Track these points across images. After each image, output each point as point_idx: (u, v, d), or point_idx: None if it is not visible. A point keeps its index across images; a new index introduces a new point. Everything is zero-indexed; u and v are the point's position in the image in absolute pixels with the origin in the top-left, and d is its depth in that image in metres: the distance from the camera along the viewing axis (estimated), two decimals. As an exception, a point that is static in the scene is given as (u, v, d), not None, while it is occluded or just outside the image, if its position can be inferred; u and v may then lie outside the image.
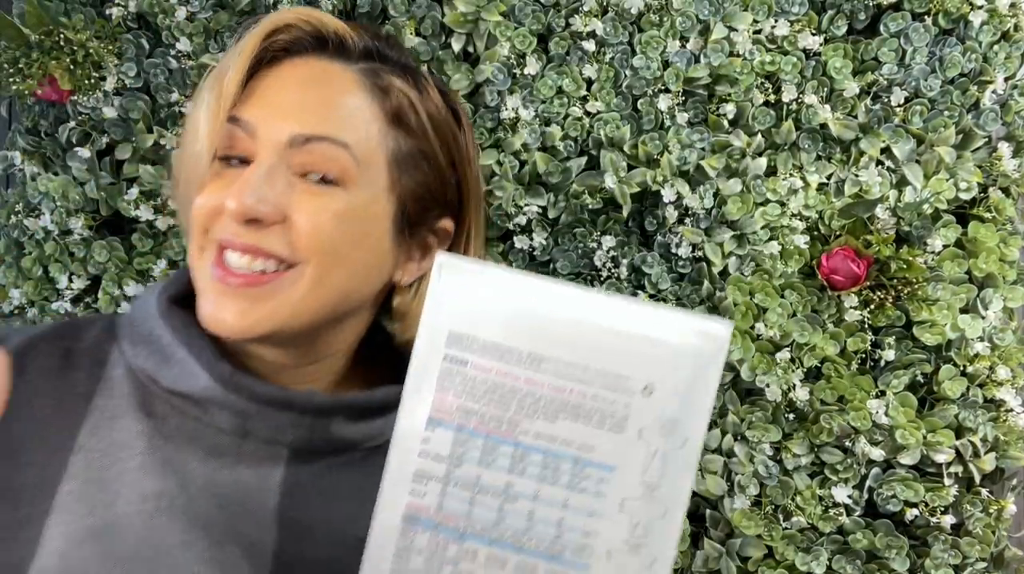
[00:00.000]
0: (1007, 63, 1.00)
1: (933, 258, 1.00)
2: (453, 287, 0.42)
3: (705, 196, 1.01)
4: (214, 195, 0.50)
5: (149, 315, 0.55)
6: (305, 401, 0.52)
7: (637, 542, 0.43)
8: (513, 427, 0.42)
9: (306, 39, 0.54)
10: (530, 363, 0.42)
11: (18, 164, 1.07)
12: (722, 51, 1.00)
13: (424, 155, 0.55)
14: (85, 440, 0.50)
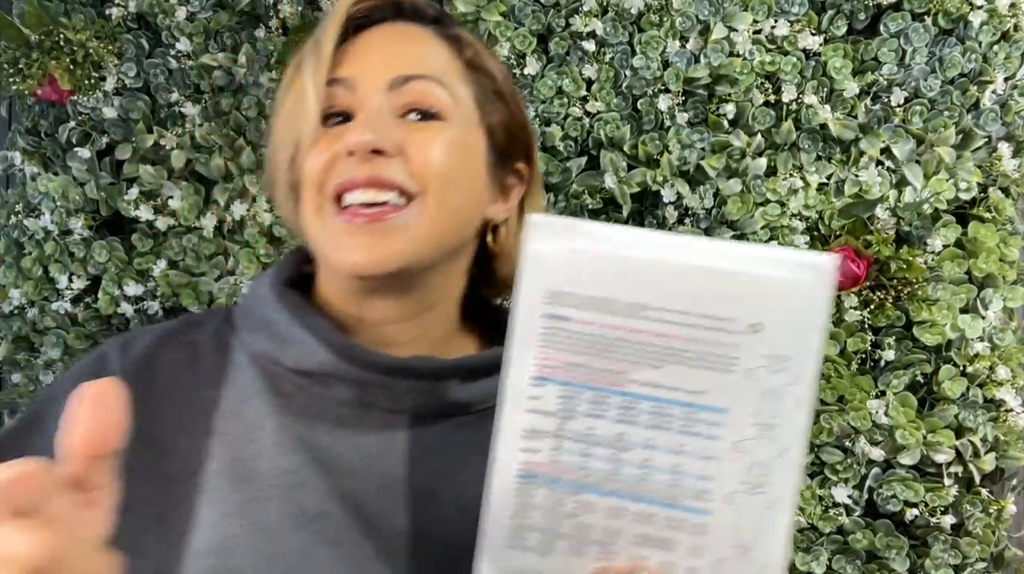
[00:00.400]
0: (1007, 63, 1.00)
1: (933, 258, 1.00)
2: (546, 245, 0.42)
3: (705, 196, 1.01)
4: (325, 151, 0.54)
5: (262, 301, 0.58)
6: (421, 365, 0.55)
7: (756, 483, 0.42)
8: (620, 377, 0.42)
9: (384, 7, 0.59)
10: (631, 312, 0.42)
11: (18, 164, 1.07)
12: (722, 51, 1.00)
13: (500, 96, 0.60)
14: (221, 424, 0.54)
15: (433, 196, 0.53)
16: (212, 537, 0.49)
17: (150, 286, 1.05)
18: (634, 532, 0.43)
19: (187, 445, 0.53)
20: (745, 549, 0.43)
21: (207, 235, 1.05)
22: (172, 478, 0.52)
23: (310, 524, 0.51)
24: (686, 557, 0.43)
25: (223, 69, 1.04)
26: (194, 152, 1.06)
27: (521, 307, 0.43)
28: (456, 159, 0.55)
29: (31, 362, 1.08)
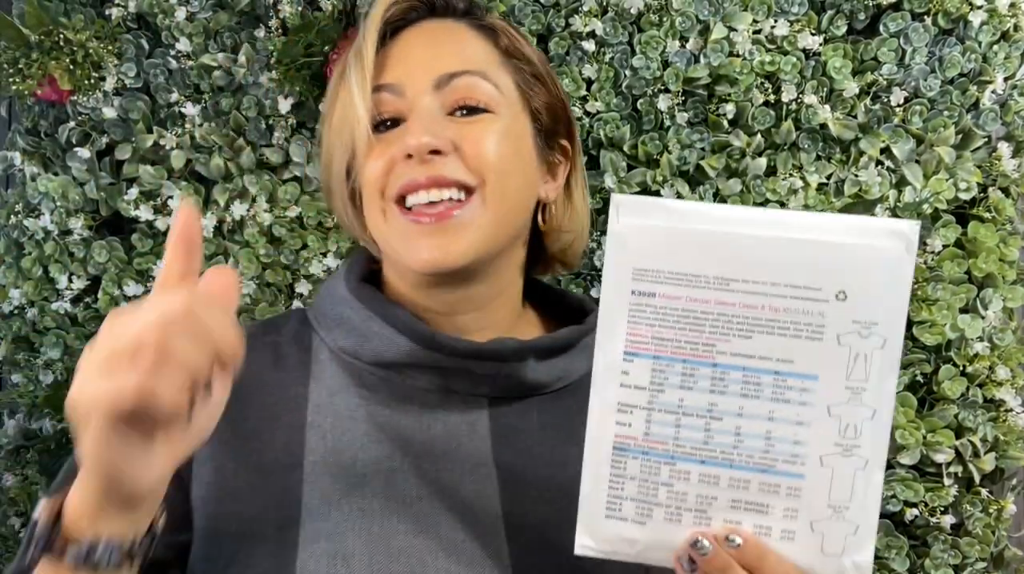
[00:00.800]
0: (1007, 63, 1.00)
1: (933, 258, 1.00)
2: (631, 223, 0.44)
3: (705, 196, 1.01)
4: (382, 157, 0.56)
5: (337, 300, 0.61)
6: (499, 347, 0.58)
7: (849, 445, 0.43)
8: (710, 349, 0.44)
9: (418, 7, 0.62)
10: (719, 286, 0.43)
11: (18, 164, 1.07)
12: (722, 51, 1.00)
13: (539, 78, 0.63)
14: (313, 418, 0.57)
15: (491, 187, 0.56)
16: (322, 524, 0.52)
17: (150, 286, 1.05)
18: (729, 498, 0.44)
19: (284, 438, 0.56)
20: (839, 510, 0.44)
21: (207, 235, 1.05)
22: (275, 469, 0.54)
23: (410, 507, 0.54)
24: (781, 520, 0.44)
25: (223, 69, 1.04)
26: (194, 152, 1.06)
27: (609, 285, 0.45)
28: (508, 148, 0.58)
29: (31, 362, 1.08)
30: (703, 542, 0.44)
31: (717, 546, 0.44)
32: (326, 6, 1.02)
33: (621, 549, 0.46)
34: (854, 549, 0.44)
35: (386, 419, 0.57)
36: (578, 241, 0.68)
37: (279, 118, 1.04)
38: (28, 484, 1.05)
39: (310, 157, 1.05)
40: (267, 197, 1.05)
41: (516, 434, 0.59)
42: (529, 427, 0.59)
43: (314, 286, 1.05)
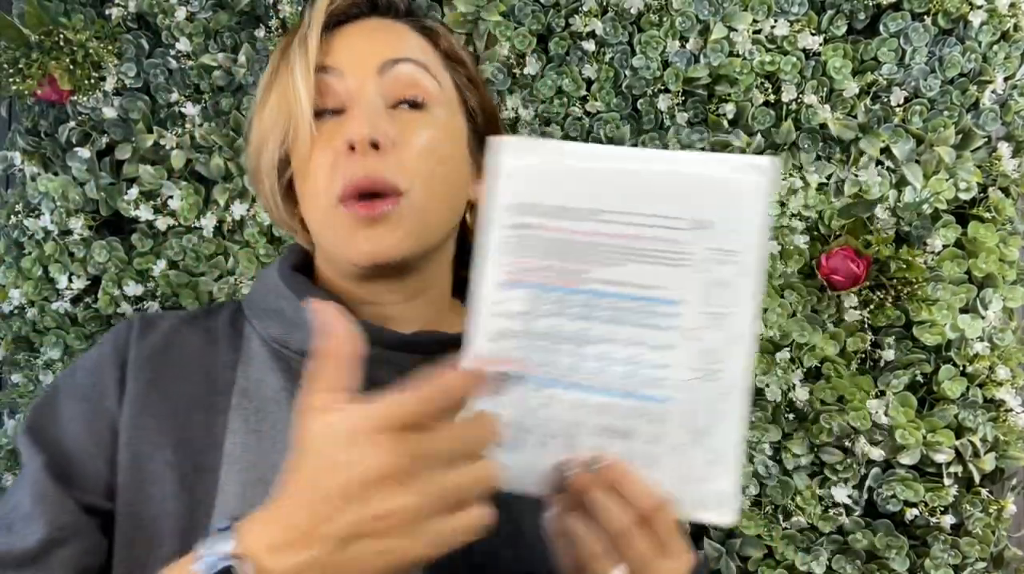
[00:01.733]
0: (1007, 63, 1.00)
1: (933, 258, 1.00)
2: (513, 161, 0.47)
3: (705, 196, 1.01)
4: (325, 150, 0.57)
5: (269, 289, 0.63)
6: (425, 339, 0.59)
7: (710, 369, 0.45)
8: (582, 277, 0.45)
9: (362, 3, 0.63)
10: (590, 216, 0.45)
11: (18, 164, 1.07)
12: (722, 51, 1.00)
13: (473, 82, 0.65)
14: (238, 401, 0.57)
15: (420, 190, 0.57)
16: (236, 504, 0.53)
17: (150, 286, 1.05)
18: (595, 423, 0.45)
19: (208, 419, 0.56)
20: (700, 434, 0.45)
21: (207, 235, 1.05)
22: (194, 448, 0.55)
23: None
24: (645, 444, 0.45)
25: (223, 69, 1.04)
26: (194, 152, 1.06)
27: (492, 219, 0.46)
28: (444, 148, 0.59)
29: (31, 362, 1.08)
30: (568, 465, 0.45)
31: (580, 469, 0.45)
32: (326, 6, 1.02)
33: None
34: (716, 476, 0.45)
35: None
36: None
37: (279, 118, 1.04)
38: (28, 484, 1.04)
39: (310, 157, 1.05)
40: (267, 197, 1.05)
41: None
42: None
43: (314, 286, 1.05)
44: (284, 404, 0.58)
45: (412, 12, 0.65)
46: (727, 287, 0.45)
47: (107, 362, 0.59)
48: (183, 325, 0.62)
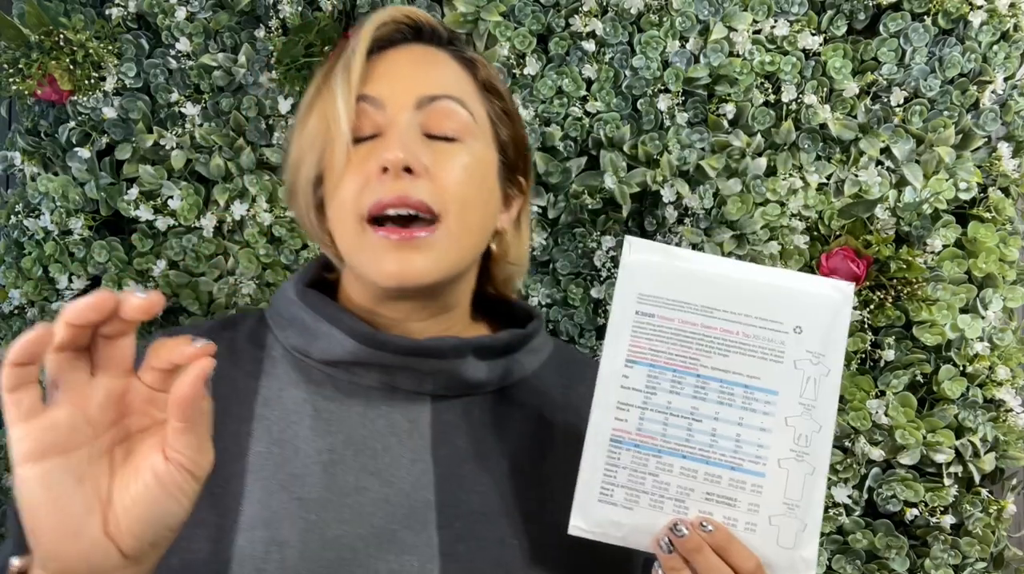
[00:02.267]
0: (1007, 63, 1.00)
1: (933, 258, 1.00)
2: (640, 258, 0.55)
3: (705, 196, 1.01)
4: (359, 173, 0.58)
5: (289, 302, 0.64)
6: (440, 344, 0.60)
7: (801, 451, 0.52)
8: (695, 362, 0.53)
9: (405, 30, 0.64)
10: (704, 312, 0.54)
11: (18, 164, 1.07)
12: (722, 51, 1.00)
13: (508, 114, 0.66)
14: (261, 410, 0.59)
15: (456, 216, 0.59)
16: (261, 511, 0.54)
17: (150, 286, 1.05)
18: (704, 490, 0.52)
19: (233, 429, 0.58)
20: (793, 506, 0.52)
21: (207, 235, 1.05)
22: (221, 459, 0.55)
23: (347, 497, 0.56)
24: (746, 513, 0.52)
25: (223, 69, 1.04)
26: (194, 152, 1.06)
27: (617, 305, 0.55)
28: (475, 178, 0.61)
29: (31, 362, 1.08)
30: (681, 527, 0.51)
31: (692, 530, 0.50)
32: (326, 6, 1.02)
33: (609, 531, 0.53)
34: (804, 544, 0.52)
35: (331, 414, 0.60)
36: (519, 274, 0.73)
37: (279, 118, 1.04)
38: (28, 484, 1.05)
39: (310, 157, 1.05)
40: (267, 197, 1.05)
41: (456, 430, 0.61)
42: (469, 424, 0.62)
43: (314, 286, 1.05)
44: (306, 414, 0.59)
45: (453, 41, 0.66)
46: (816, 383, 0.53)
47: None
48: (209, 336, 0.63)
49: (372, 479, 0.57)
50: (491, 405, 0.64)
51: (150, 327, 1.06)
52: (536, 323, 0.69)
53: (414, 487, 0.58)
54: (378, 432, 0.59)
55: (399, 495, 0.57)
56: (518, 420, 0.64)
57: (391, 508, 0.56)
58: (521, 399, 0.66)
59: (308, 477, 0.56)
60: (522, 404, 0.65)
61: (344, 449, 0.58)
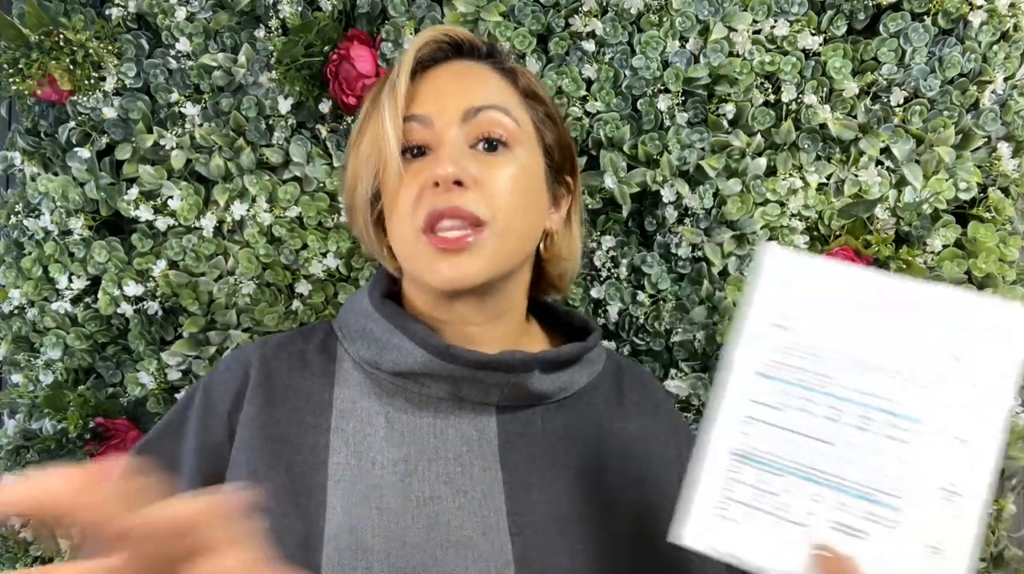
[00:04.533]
0: (1007, 63, 1.00)
1: (933, 258, 1.00)
2: (780, 268, 0.51)
3: (705, 196, 1.01)
4: (412, 186, 0.62)
5: (360, 313, 0.68)
6: (508, 359, 0.63)
7: (949, 490, 0.46)
8: (832, 381, 0.49)
9: (446, 48, 0.68)
10: (850, 329, 0.49)
11: (18, 164, 1.07)
12: (722, 51, 1.00)
13: (551, 118, 0.69)
14: (337, 422, 0.62)
15: (504, 221, 0.62)
16: (344, 520, 0.57)
17: (150, 286, 1.05)
18: (831, 518, 0.48)
19: (311, 440, 0.61)
20: (933, 550, 0.46)
21: (207, 235, 1.05)
22: (303, 470, 0.60)
23: (424, 506, 0.59)
24: (877, 548, 0.47)
25: (223, 69, 1.04)
26: (194, 152, 1.06)
27: (753, 314, 0.51)
28: (522, 184, 0.64)
29: (31, 362, 1.08)
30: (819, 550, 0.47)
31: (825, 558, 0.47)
32: (326, 6, 1.02)
33: (719, 547, 0.49)
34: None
35: (403, 425, 0.63)
36: (572, 269, 0.75)
37: (279, 118, 1.04)
38: (28, 484, 1.05)
39: (310, 157, 1.05)
40: (267, 197, 1.05)
41: (521, 439, 0.64)
42: (533, 433, 0.65)
43: (314, 286, 1.05)
44: (379, 426, 0.62)
45: (493, 54, 0.69)
46: (975, 416, 0.46)
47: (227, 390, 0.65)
48: (278, 351, 0.67)
49: (446, 488, 0.60)
50: (552, 415, 0.67)
51: (151, 327, 1.06)
52: (596, 336, 0.71)
53: (485, 495, 0.60)
54: (449, 442, 0.62)
55: (472, 503, 0.60)
56: (578, 429, 0.67)
57: (465, 516, 0.59)
58: (580, 409, 0.69)
59: (386, 487, 0.59)
60: (581, 414, 0.68)
61: (418, 459, 0.61)
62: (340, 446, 0.61)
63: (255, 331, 1.05)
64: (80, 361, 1.07)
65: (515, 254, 0.65)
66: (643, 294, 1.03)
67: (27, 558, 1.08)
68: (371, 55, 0.99)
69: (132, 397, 1.07)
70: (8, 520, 0.35)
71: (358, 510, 0.58)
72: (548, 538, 0.59)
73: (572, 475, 0.63)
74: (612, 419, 0.70)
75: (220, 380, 0.66)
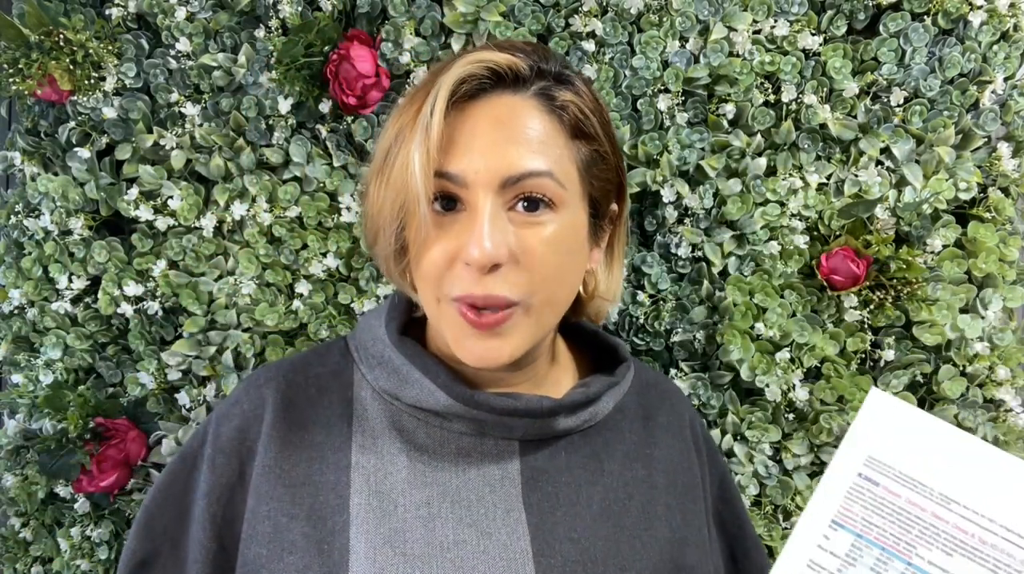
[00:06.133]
0: (1007, 63, 1.00)
1: (933, 258, 1.00)
2: (882, 416, 0.48)
3: (705, 196, 1.01)
4: (442, 250, 0.56)
5: (379, 341, 0.65)
6: (536, 407, 0.61)
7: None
8: (910, 549, 0.46)
9: (485, 81, 0.58)
10: (940, 500, 0.46)
11: (18, 164, 1.07)
12: (722, 51, 1.00)
13: (600, 156, 0.61)
14: (357, 458, 0.60)
15: (542, 295, 0.58)
16: (369, 567, 0.55)
17: (150, 286, 1.05)
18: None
19: (332, 478, 0.60)
20: None
21: (207, 235, 1.05)
22: (325, 513, 0.59)
23: (449, 551, 0.57)
24: None
25: (223, 69, 1.04)
26: (194, 152, 1.06)
27: (841, 458, 0.49)
28: (561, 250, 0.58)
29: (31, 362, 1.08)
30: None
31: None
32: (326, 6, 1.02)
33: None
34: None
35: (425, 465, 0.61)
36: (611, 306, 0.71)
37: (279, 118, 1.04)
38: (28, 484, 1.05)
39: (310, 157, 1.05)
40: (267, 197, 1.05)
41: (545, 476, 0.62)
42: (557, 468, 0.63)
43: (314, 286, 1.05)
44: (401, 466, 0.60)
45: (541, 77, 0.59)
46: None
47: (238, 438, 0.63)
48: (293, 378, 0.64)
49: (470, 531, 0.58)
50: (577, 446, 0.65)
51: (150, 327, 1.06)
52: (625, 368, 0.69)
53: (510, 537, 0.59)
54: (471, 482, 0.61)
55: (497, 546, 0.58)
56: (603, 460, 0.65)
57: (490, 559, 0.57)
58: (605, 437, 0.67)
59: (409, 532, 0.57)
60: (606, 441, 0.66)
61: (440, 502, 0.59)
62: (362, 486, 0.59)
63: (255, 331, 1.05)
64: (80, 361, 1.07)
65: (551, 324, 0.61)
66: (643, 294, 1.03)
67: (27, 558, 1.08)
68: (371, 55, 0.99)
69: (132, 397, 1.07)
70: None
71: (382, 556, 0.56)
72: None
73: (596, 512, 0.62)
74: (638, 445, 0.68)
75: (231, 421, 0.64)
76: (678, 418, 0.73)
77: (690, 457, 0.72)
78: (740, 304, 1.01)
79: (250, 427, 0.62)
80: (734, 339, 1.00)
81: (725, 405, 1.03)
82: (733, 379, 1.03)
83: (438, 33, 1.03)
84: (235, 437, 0.62)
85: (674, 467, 0.69)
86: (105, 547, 1.06)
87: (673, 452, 0.70)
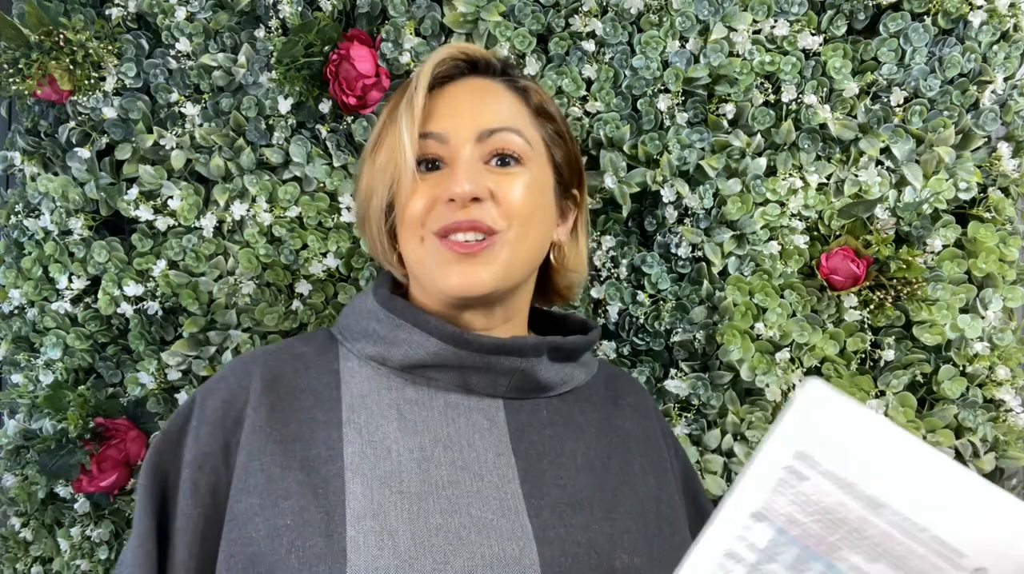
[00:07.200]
0: (1007, 63, 1.00)
1: (933, 258, 1.00)
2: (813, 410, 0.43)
3: (705, 196, 1.01)
4: (425, 195, 0.65)
5: (363, 314, 0.69)
6: (521, 344, 0.66)
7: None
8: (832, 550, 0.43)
9: (462, 66, 0.71)
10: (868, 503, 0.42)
11: (18, 164, 1.07)
12: (722, 51, 1.00)
13: (560, 135, 0.72)
14: (348, 416, 0.64)
15: (516, 231, 0.65)
16: (367, 504, 0.58)
17: (150, 286, 1.05)
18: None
19: (324, 435, 0.63)
20: None
21: (207, 235, 1.05)
22: (318, 462, 0.61)
23: (442, 490, 0.60)
24: None
25: (223, 69, 1.04)
26: (194, 152, 1.06)
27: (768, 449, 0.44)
28: (533, 197, 0.67)
29: (31, 362, 1.08)
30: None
31: None
32: (326, 6, 1.02)
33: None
34: None
35: (415, 415, 0.64)
36: (579, 280, 0.79)
37: (279, 118, 1.04)
38: (28, 484, 1.05)
39: (310, 157, 1.05)
40: (267, 197, 1.05)
41: (529, 428, 0.67)
42: (540, 422, 0.68)
43: (314, 286, 1.05)
44: (392, 417, 0.64)
45: (507, 71, 0.72)
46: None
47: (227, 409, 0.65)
48: (281, 356, 0.68)
49: (463, 473, 0.62)
50: (556, 407, 0.70)
51: (150, 327, 1.06)
52: (595, 332, 0.75)
53: (502, 480, 0.62)
54: (461, 430, 0.64)
55: (489, 487, 0.62)
56: (580, 421, 0.70)
57: (484, 499, 0.61)
58: (580, 404, 0.72)
59: (404, 473, 0.60)
60: (582, 409, 0.71)
61: (433, 447, 0.63)
62: (354, 437, 0.62)
63: (255, 331, 1.05)
64: (80, 361, 1.07)
65: (525, 263, 0.67)
66: (643, 294, 1.03)
67: (27, 558, 1.08)
68: (371, 55, 0.99)
69: (132, 397, 1.07)
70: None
71: (379, 494, 0.59)
72: (564, 518, 0.62)
73: (580, 463, 0.66)
74: (610, 417, 0.73)
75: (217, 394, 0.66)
76: (644, 404, 0.79)
77: (657, 439, 0.76)
78: (740, 304, 1.01)
79: (236, 398, 0.65)
80: (734, 339, 1.00)
81: (725, 405, 1.03)
82: (733, 379, 1.03)
83: (438, 33, 1.03)
84: (220, 408, 0.64)
85: (645, 440, 0.74)
86: (105, 547, 1.06)
87: (643, 428, 0.75)
